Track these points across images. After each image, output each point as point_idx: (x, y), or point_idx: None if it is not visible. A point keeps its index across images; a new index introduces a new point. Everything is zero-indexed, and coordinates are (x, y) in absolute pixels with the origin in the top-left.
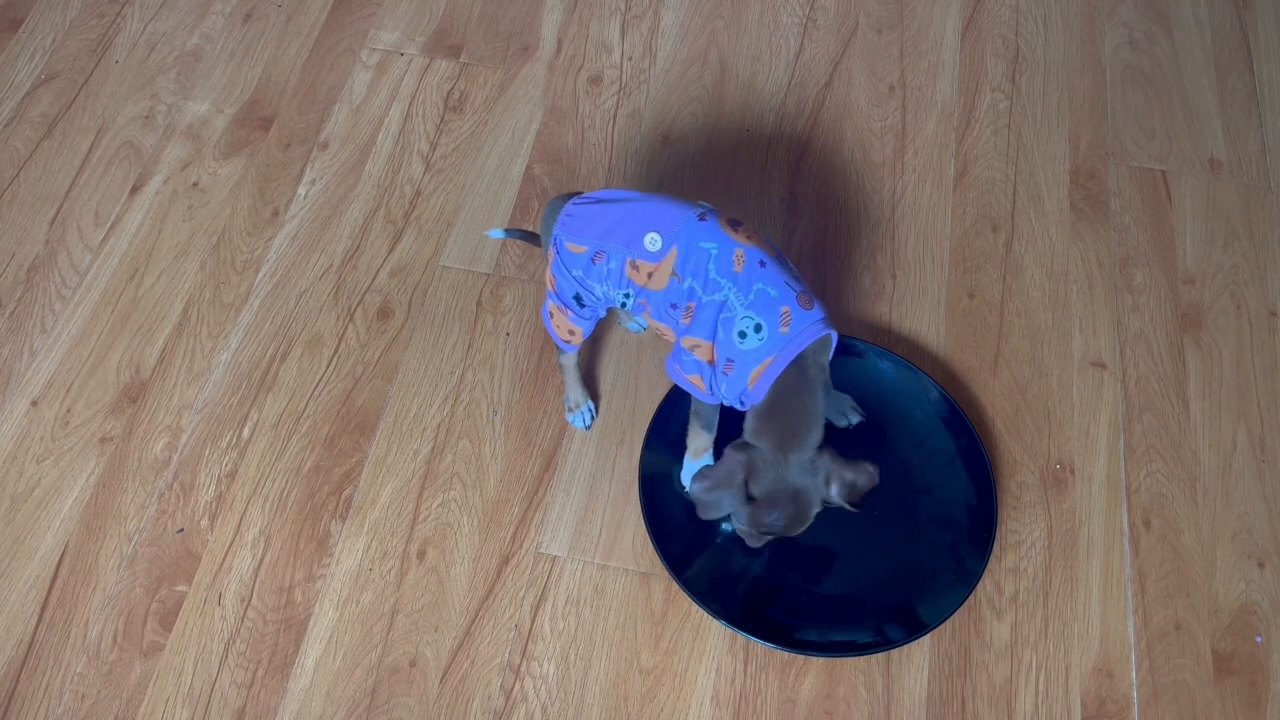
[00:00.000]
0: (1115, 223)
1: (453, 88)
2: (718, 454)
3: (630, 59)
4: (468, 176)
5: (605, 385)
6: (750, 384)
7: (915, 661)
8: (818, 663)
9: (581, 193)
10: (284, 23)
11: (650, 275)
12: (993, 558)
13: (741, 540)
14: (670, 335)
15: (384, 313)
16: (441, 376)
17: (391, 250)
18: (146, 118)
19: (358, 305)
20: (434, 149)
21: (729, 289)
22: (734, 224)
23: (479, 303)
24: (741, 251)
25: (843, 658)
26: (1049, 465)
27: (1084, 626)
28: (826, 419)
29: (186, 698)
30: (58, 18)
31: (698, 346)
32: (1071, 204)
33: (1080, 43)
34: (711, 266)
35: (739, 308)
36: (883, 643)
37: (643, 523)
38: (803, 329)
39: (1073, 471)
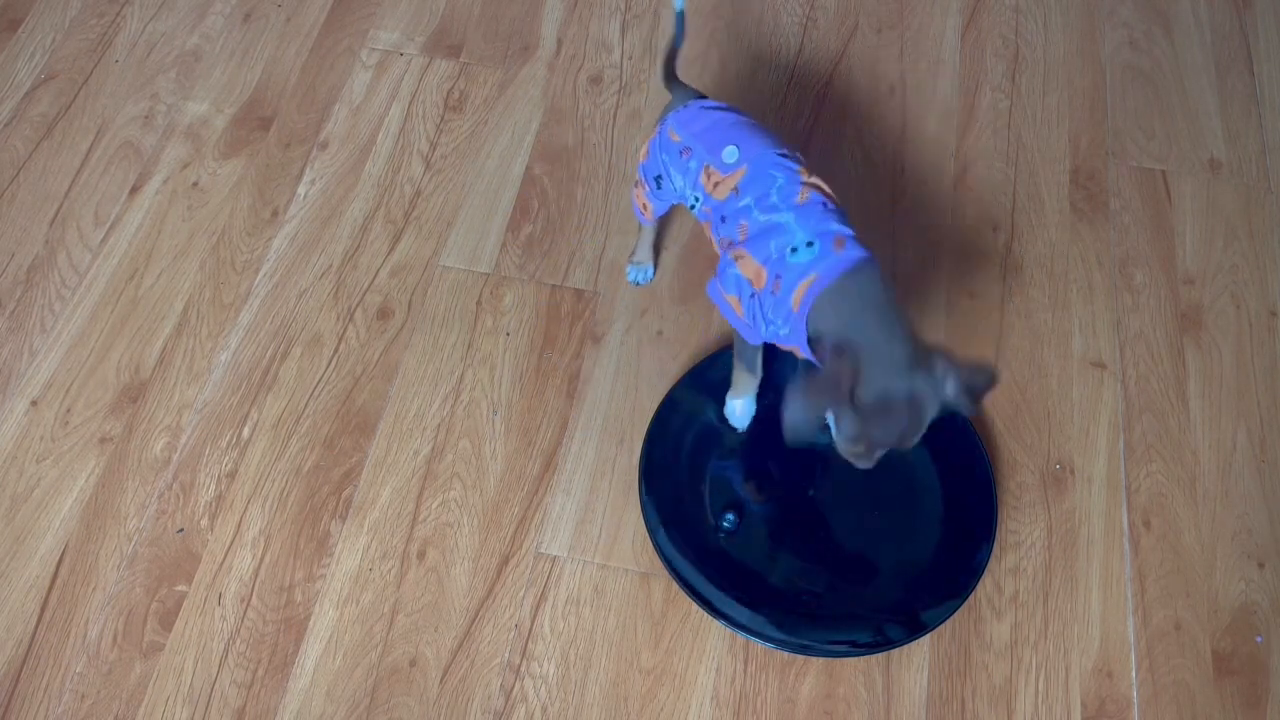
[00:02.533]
0: (1115, 223)
1: (453, 87)
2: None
3: (630, 59)
4: (468, 176)
5: (605, 385)
6: (795, 302)
7: (915, 661)
8: (818, 663)
9: (707, 99)
10: (284, 23)
11: (717, 185)
12: (993, 558)
13: (740, 540)
14: (718, 250)
15: (384, 313)
16: (441, 376)
17: (391, 250)
18: (146, 118)
19: (358, 305)
20: (434, 149)
21: (789, 215)
22: (808, 171)
23: (479, 303)
24: (808, 189)
25: (843, 658)
26: (1049, 465)
27: (1084, 626)
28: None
29: (186, 698)
30: (57, 18)
31: (742, 257)
32: (1071, 204)
33: (1080, 43)
34: (774, 193)
35: (797, 230)
36: (883, 643)
37: (643, 523)
38: (855, 255)
39: (1072, 471)
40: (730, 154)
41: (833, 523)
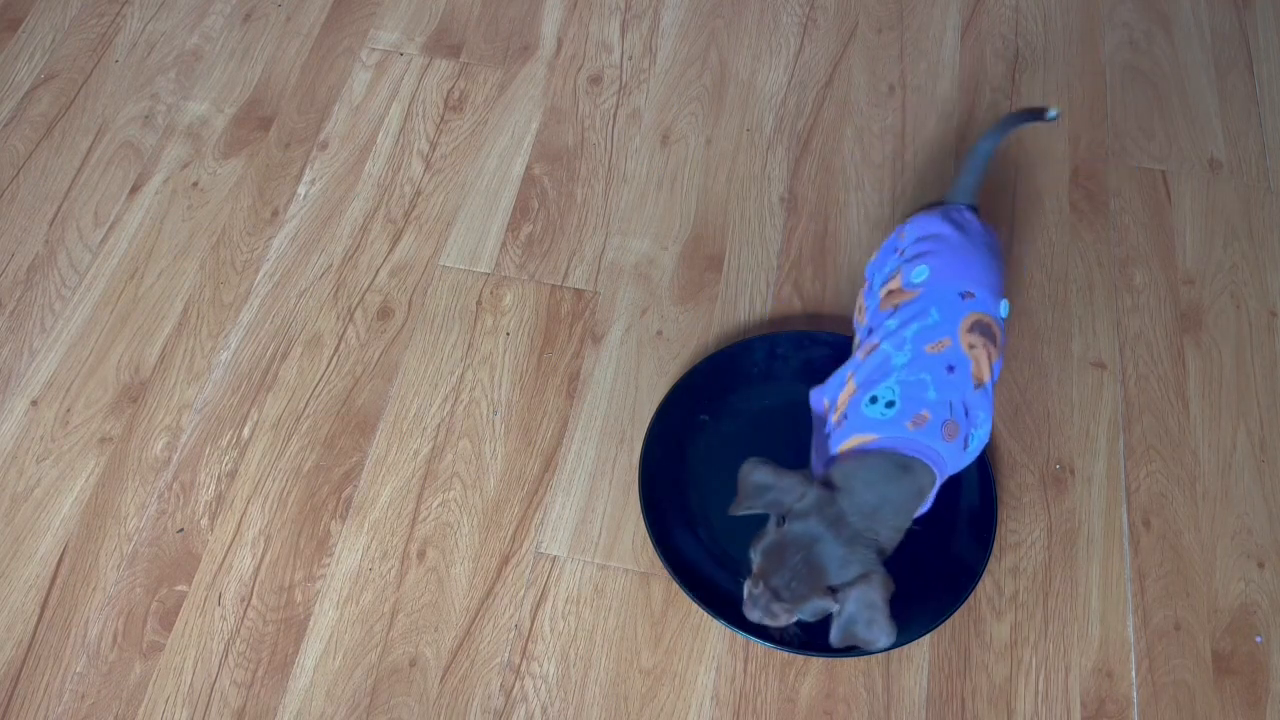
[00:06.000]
0: (1115, 223)
1: (453, 87)
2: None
3: (630, 59)
4: (468, 176)
5: (605, 385)
6: (840, 449)
7: (915, 661)
8: (817, 663)
9: (967, 211)
10: (284, 22)
11: (890, 293)
12: (993, 558)
13: (740, 540)
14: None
15: (384, 312)
16: (441, 376)
17: (391, 250)
18: (146, 118)
19: (358, 305)
20: (434, 149)
21: (905, 356)
22: (980, 329)
23: (479, 302)
24: (949, 344)
25: (843, 658)
26: (1049, 465)
27: (1084, 626)
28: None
29: (186, 697)
30: (57, 18)
31: (839, 384)
32: (1071, 204)
33: (1080, 43)
34: (913, 328)
35: (893, 375)
36: None
37: (643, 523)
38: (926, 447)
39: (1073, 471)
40: (920, 273)
41: None
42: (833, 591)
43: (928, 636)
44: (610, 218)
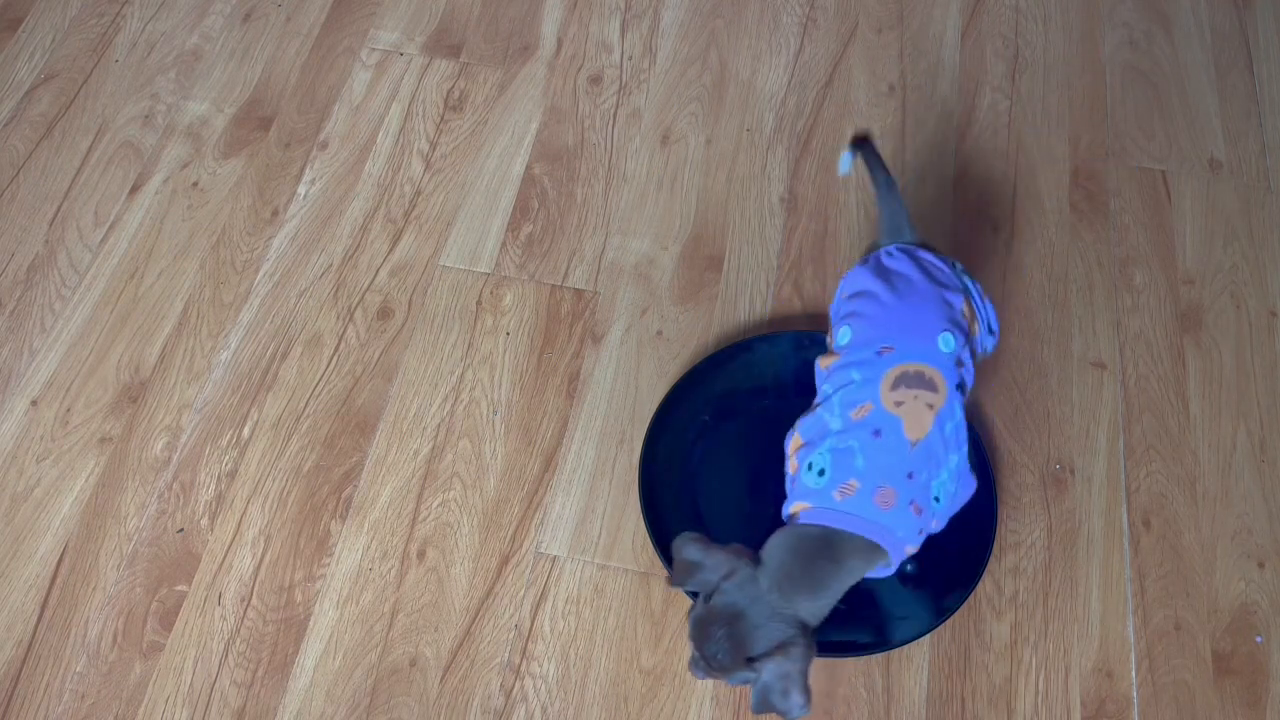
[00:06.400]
0: (1115, 223)
1: (452, 87)
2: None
3: (630, 58)
4: (468, 176)
5: (605, 385)
6: (788, 514)
7: (915, 661)
8: (817, 662)
9: (917, 247)
10: (284, 22)
11: (826, 354)
12: (993, 558)
13: (739, 543)
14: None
15: (384, 312)
16: (441, 376)
17: (391, 250)
18: (146, 117)
19: (358, 305)
20: (434, 148)
21: (837, 424)
22: (907, 381)
23: (479, 302)
24: (871, 408)
25: (843, 658)
26: (1049, 465)
27: (1084, 626)
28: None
29: (186, 697)
30: (57, 17)
31: (795, 430)
32: (1071, 204)
33: (1080, 43)
34: (840, 395)
35: (826, 441)
36: (883, 643)
37: (643, 523)
38: (854, 517)
39: (1072, 471)
40: (844, 335)
41: None
42: (751, 663)
43: (928, 636)
44: (610, 218)
